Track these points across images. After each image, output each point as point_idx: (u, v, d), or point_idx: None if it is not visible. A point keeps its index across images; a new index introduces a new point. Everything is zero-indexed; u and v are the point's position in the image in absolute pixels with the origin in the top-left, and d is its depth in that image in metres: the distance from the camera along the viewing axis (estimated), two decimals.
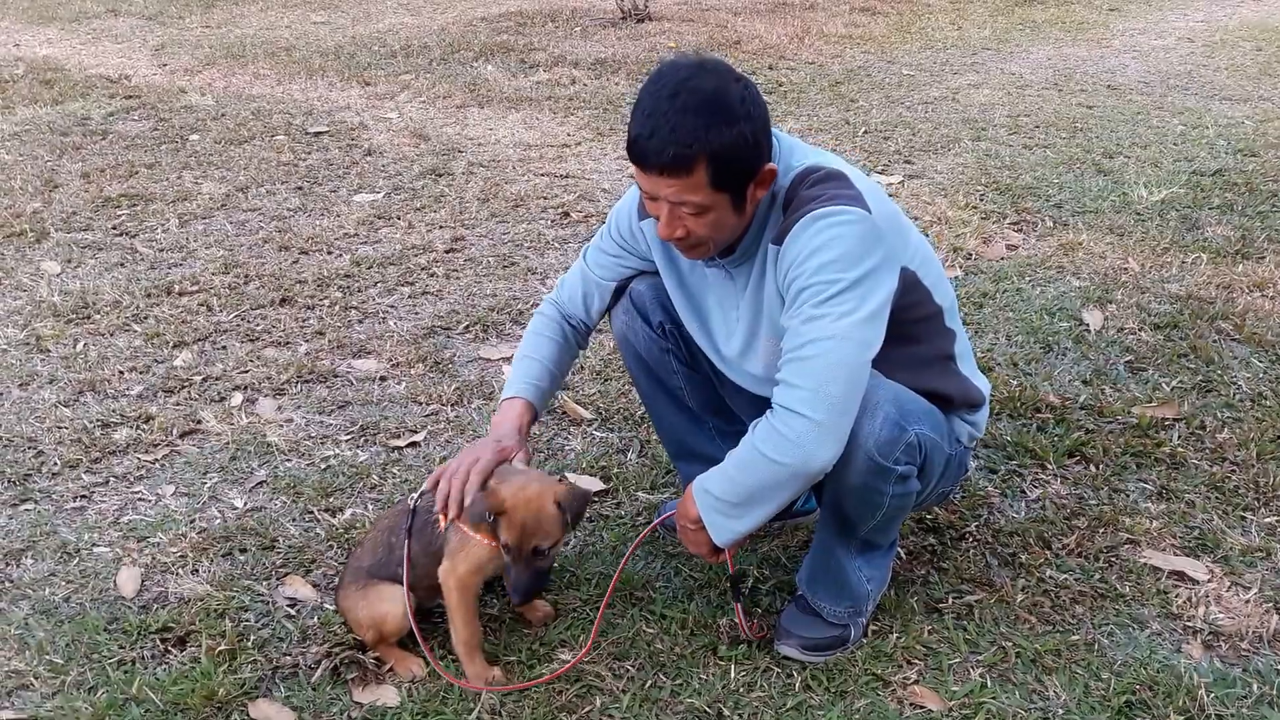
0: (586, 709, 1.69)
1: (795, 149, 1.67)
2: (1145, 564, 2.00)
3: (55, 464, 2.39)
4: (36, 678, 1.77)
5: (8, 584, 2.01)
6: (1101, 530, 2.10)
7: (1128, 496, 2.22)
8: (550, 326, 1.94)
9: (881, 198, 1.65)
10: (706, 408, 2.03)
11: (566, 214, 3.96)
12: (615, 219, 1.90)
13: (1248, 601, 1.90)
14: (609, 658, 1.79)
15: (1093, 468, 2.32)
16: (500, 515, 1.62)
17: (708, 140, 1.50)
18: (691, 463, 2.08)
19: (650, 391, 2.04)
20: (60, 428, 2.53)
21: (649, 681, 1.74)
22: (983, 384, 1.83)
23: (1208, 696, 1.67)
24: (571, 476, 2.31)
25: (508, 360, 1.97)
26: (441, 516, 1.72)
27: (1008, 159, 4.50)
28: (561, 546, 1.71)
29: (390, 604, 1.73)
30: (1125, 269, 3.36)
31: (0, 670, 1.79)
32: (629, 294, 1.95)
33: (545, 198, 4.13)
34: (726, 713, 1.68)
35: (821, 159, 1.66)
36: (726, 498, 1.60)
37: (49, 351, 2.93)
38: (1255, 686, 1.71)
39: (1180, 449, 2.36)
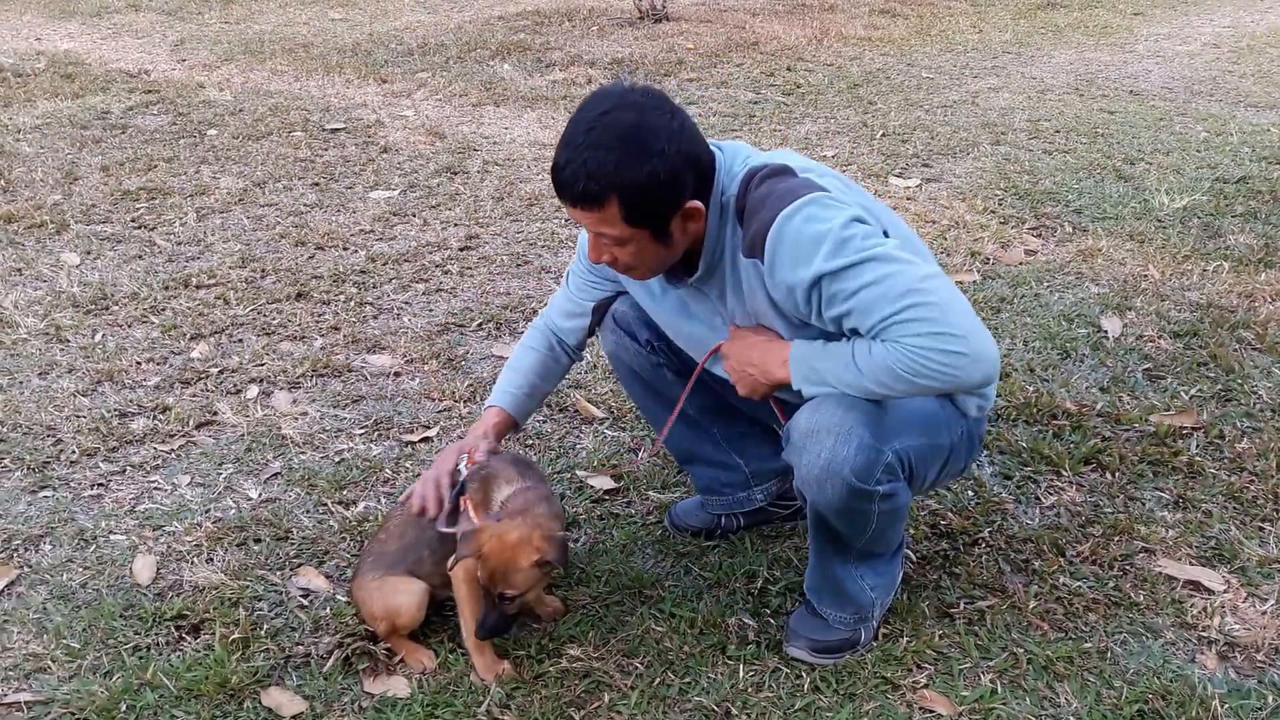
0: (594, 705, 1.69)
1: (738, 154, 1.63)
2: (1160, 573, 1.99)
3: (73, 452, 2.41)
4: (54, 661, 1.79)
5: (27, 569, 2.03)
6: (1116, 538, 2.09)
7: (1144, 505, 2.20)
8: (535, 337, 1.96)
9: (830, 173, 1.62)
10: (708, 414, 2.01)
11: None
12: (583, 243, 1.87)
13: (1264, 613, 1.88)
14: (618, 655, 1.80)
15: (1109, 475, 2.30)
16: (479, 557, 1.64)
17: (616, 177, 1.47)
18: (702, 467, 2.09)
19: (649, 406, 2.03)
20: (79, 417, 2.56)
21: (657, 679, 1.74)
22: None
23: (1221, 708, 1.66)
24: (582, 474, 2.32)
25: None
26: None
27: (1027, 163, 4.47)
28: (529, 596, 1.71)
29: (404, 597, 1.75)
30: (1145, 276, 3.33)
31: (19, 653, 1.82)
32: (612, 315, 1.94)
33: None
34: (735, 712, 1.68)
35: (768, 157, 1.62)
36: (839, 384, 1.52)
37: (68, 341, 2.96)
38: (1270, 699, 1.69)
39: (1198, 458, 2.34)
